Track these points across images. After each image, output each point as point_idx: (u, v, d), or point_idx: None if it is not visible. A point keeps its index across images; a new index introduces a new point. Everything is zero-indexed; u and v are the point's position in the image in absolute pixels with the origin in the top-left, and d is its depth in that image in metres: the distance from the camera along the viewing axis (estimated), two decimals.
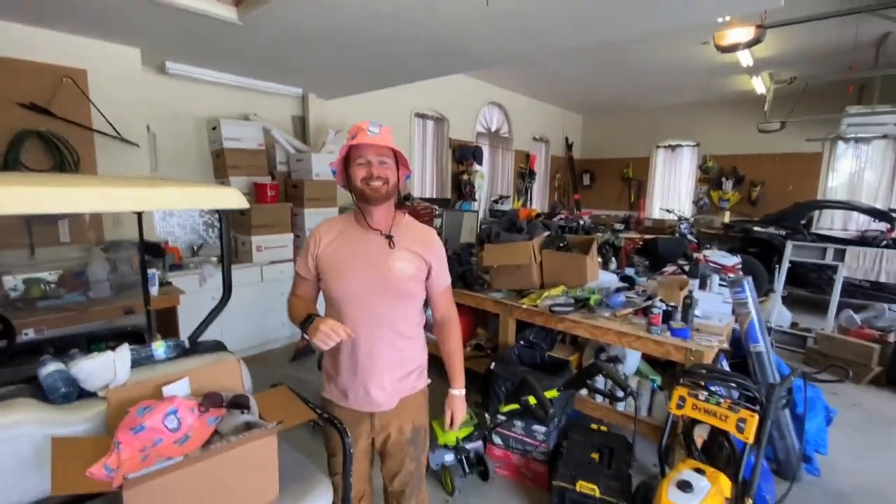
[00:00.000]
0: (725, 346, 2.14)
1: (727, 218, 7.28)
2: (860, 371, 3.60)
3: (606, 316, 2.45)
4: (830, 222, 6.96)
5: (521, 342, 2.81)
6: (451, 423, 1.47)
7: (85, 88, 2.89)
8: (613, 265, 3.68)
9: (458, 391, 1.47)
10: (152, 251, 3.16)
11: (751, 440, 1.72)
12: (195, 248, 3.96)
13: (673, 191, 8.56)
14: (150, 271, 2.90)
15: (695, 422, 1.97)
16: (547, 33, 2.78)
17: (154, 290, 2.89)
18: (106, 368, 1.22)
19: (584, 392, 2.55)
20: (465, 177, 6.31)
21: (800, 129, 6.47)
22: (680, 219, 6.73)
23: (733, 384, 1.81)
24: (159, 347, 1.32)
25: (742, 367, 2.48)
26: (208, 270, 3.50)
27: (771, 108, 6.32)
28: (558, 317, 2.49)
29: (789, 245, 4.67)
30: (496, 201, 7.03)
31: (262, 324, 3.96)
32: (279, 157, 4.22)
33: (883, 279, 4.06)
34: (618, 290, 2.65)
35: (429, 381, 1.51)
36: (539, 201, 8.49)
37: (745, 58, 5.05)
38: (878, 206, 6.15)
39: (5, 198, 0.98)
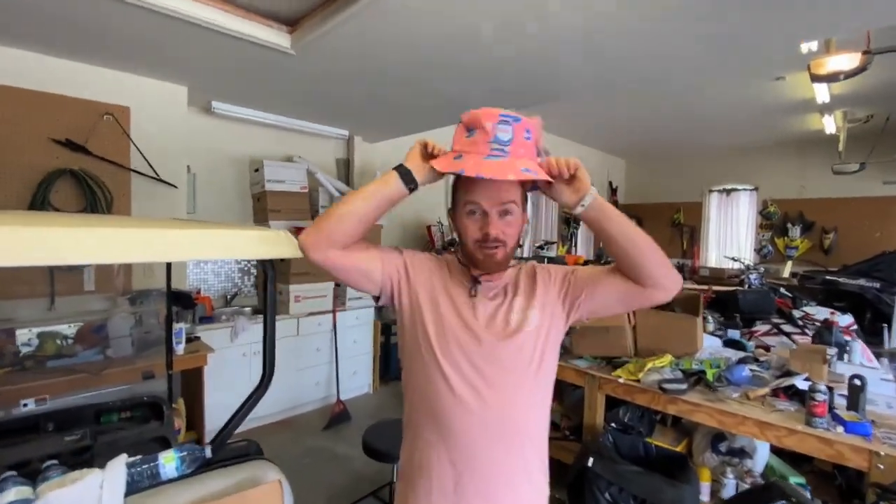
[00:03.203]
0: None
1: (788, 269, 6.58)
2: None
3: (735, 398, 1.91)
4: None
5: (613, 424, 2.27)
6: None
7: (126, 126, 2.70)
8: None
9: None
10: (182, 302, 2.84)
11: None
12: (229, 297, 3.64)
13: (730, 237, 7.93)
14: (178, 326, 2.57)
15: None
16: (643, 61, 2.44)
17: (181, 348, 2.53)
18: (88, 499, 0.81)
19: None
20: None
21: (879, 171, 5.88)
22: (748, 268, 6.08)
23: None
24: (169, 462, 0.91)
25: None
26: (241, 324, 3.14)
27: (846, 148, 5.79)
28: (670, 397, 1.97)
29: None
30: (541, 247, 6.58)
31: (295, 384, 3.53)
32: (322, 200, 3.95)
33: None
34: (741, 360, 2.11)
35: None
36: (584, 247, 8.00)
37: (822, 94, 4.62)
38: None
39: None
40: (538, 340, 0.93)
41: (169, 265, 1.98)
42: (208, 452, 0.94)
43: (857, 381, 1.70)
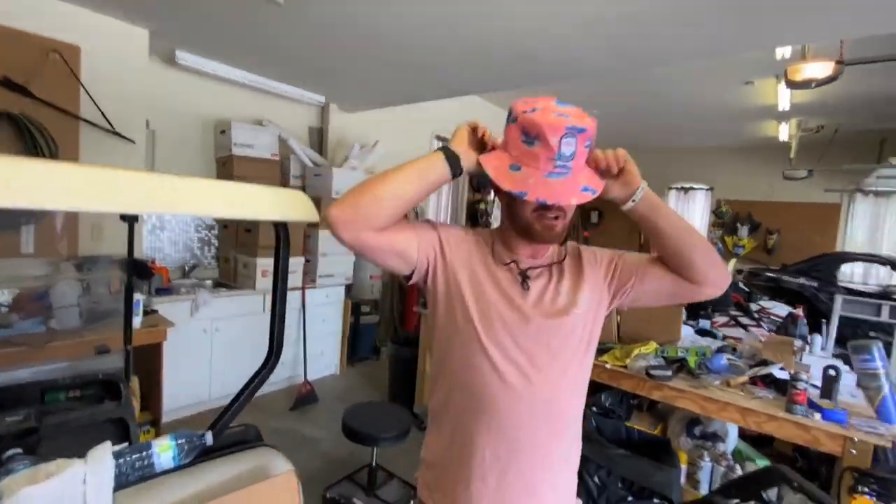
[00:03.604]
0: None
1: (733, 266, 7.00)
2: None
3: (717, 384, 1.97)
4: (850, 276, 6.76)
5: (594, 408, 2.30)
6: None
7: (76, 68, 2.36)
8: None
9: None
10: (138, 271, 2.56)
11: None
12: (187, 268, 3.36)
13: None
14: (135, 297, 2.32)
15: None
16: (639, 44, 2.42)
17: (137, 321, 2.29)
18: (69, 496, 0.67)
19: None
20: (482, 206, 5.90)
21: (822, 180, 6.34)
22: None
23: None
24: (165, 451, 0.77)
25: None
26: (203, 297, 2.91)
27: (797, 155, 6.18)
28: (655, 383, 2.00)
29: (839, 299, 4.35)
30: None
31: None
32: (294, 170, 3.71)
33: None
34: (719, 350, 2.19)
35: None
36: None
37: (784, 101, 4.87)
38: None
39: None
40: (587, 323, 0.88)
41: (132, 227, 1.77)
42: (209, 439, 0.81)
43: (832, 372, 1.80)
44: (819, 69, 3.15)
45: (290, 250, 0.99)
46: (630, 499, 1.70)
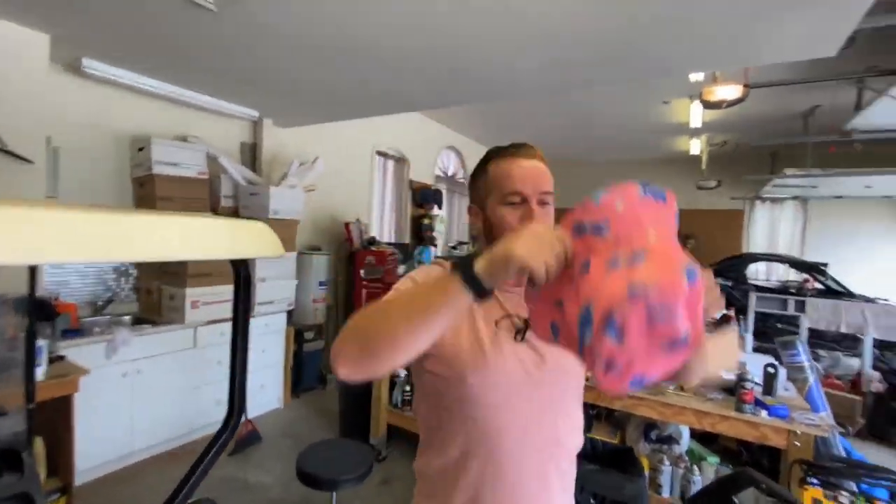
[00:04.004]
0: (831, 425, 1.82)
1: None
2: (849, 424, 3.59)
3: (671, 389, 2.05)
4: (755, 274, 7.56)
5: None
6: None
7: None
8: None
9: None
10: (39, 312, 2.20)
11: None
12: (100, 303, 2.95)
13: None
14: (37, 344, 1.97)
15: None
16: (576, 66, 2.52)
17: (40, 371, 1.95)
18: None
19: None
20: (426, 221, 5.86)
21: (728, 189, 7.06)
22: None
23: (888, 479, 1.47)
24: None
25: None
26: (122, 336, 2.55)
27: (707, 167, 6.84)
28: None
29: (753, 296, 4.81)
30: (454, 247, 6.63)
31: (191, 404, 2.99)
32: (225, 189, 3.43)
33: (843, 330, 4.24)
34: None
35: None
36: None
37: (696, 119, 5.36)
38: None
39: None
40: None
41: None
42: None
43: (772, 369, 1.94)
44: (730, 91, 3.49)
45: (251, 289, 0.86)
46: None
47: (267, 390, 3.56)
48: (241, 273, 0.82)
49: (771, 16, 1.83)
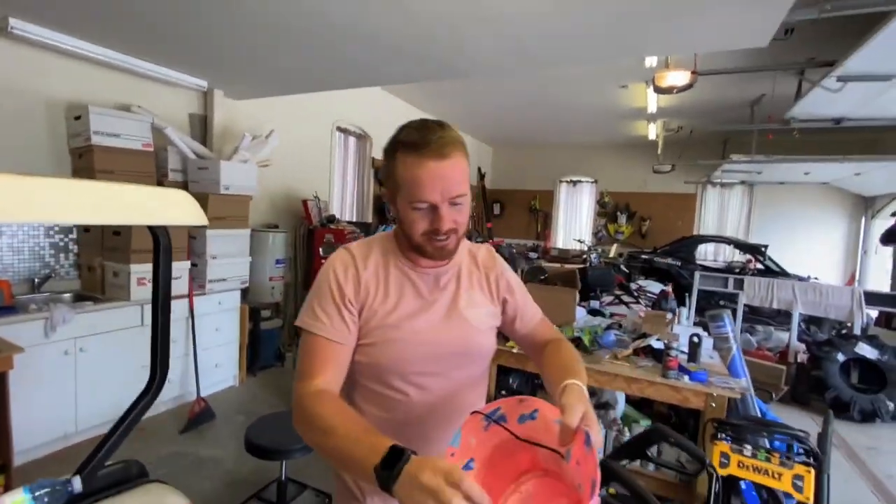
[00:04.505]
0: (745, 388, 2.00)
1: (615, 250, 7.87)
2: (773, 391, 3.92)
3: (606, 359, 2.18)
4: (704, 254, 7.97)
5: (503, 392, 2.42)
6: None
7: None
8: None
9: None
10: None
11: (811, 500, 1.54)
12: (37, 280, 2.82)
13: (574, 222, 9.11)
14: None
15: (735, 481, 1.76)
16: (537, 45, 2.55)
17: None
18: None
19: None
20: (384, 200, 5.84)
21: (682, 173, 7.35)
22: (590, 248, 7.09)
23: (785, 435, 1.65)
24: None
25: None
26: (60, 313, 2.47)
27: (663, 152, 7.10)
28: None
29: (697, 275, 5.10)
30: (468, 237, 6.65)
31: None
32: (172, 162, 3.30)
33: (775, 306, 4.57)
34: (608, 327, 2.43)
35: None
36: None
37: (652, 104, 5.53)
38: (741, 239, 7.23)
39: None
40: (490, 330, 0.93)
41: None
42: (76, 485, 0.68)
43: (696, 339, 2.10)
44: (679, 77, 3.62)
45: (171, 256, 0.87)
46: None
47: (222, 369, 3.53)
48: (160, 241, 0.82)
49: (696, 8, 1.92)
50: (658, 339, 2.30)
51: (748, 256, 6.42)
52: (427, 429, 0.86)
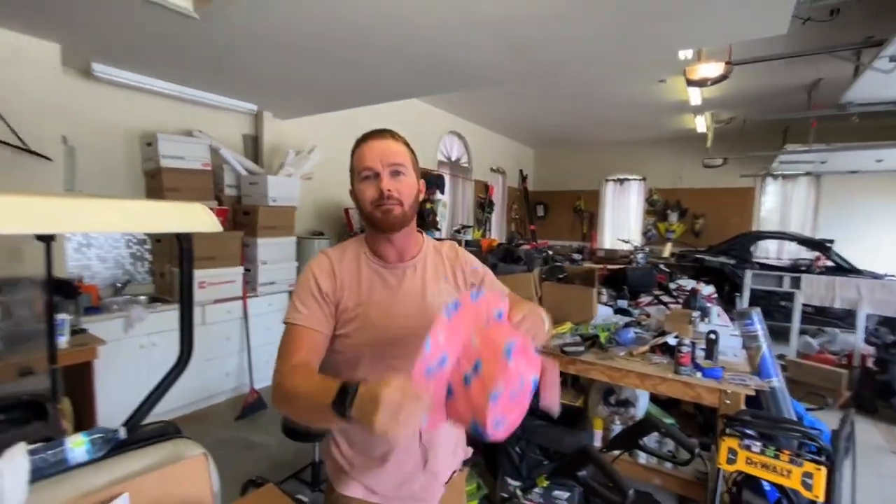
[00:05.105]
0: (762, 385, 1.95)
1: (668, 250, 7.54)
2: (832, 396, 3.65)
3: (622, 356, 2.21)
4: (766, 252, 7.45)
5: None
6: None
7: None
8: None
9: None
10: (62, 291, 2.52)
11: (821, 498, 1.50)
12: (119, 285, 3.28)
13: (622, 222, 8.84)
14: (59, 317, 2.29)
15: (747, 478, 1.74)
16: (550, 51, 2.62)
17: (63, 340, 2.26)
18: None
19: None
20: (429, 205, 6.04)
21: (737, 166, 6.94)
22: (636, 249, 6.88)
23: (795, 432, 1.61)
24: (78, 445, 0.85)
25: (752, 404, 2.33)
26: (137, 312, 2.87)
27: (712, 145, 6.75)
28: (570, 358, 2.21)
29: (748, 273, 4.83)
30: (458, 231, 6.81)
31: (203, 375, 3.32)
32: (228, 179, 3.70)
33: (837, 305, 4.24)
34: (627, 325, 2.44)
35: (469, 449, 1.17)
36: (497, 231, 8.41)
37: (695, 97, 5.32)
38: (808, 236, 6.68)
39: None
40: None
41: (48, 246, 1.77)
42: (122, 433, 0.90)
43: (713, 336, 2.07)
44: (711, 69, 3.52)
45: (193, 258, 1.07)
46: (545, 462, 1.89)
47: (273, 364, 3.86)
48: (183, 244, 1.03)
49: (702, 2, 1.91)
50: (676, 337, 2.29)
51: (816, 253, 5.95)
52: None
